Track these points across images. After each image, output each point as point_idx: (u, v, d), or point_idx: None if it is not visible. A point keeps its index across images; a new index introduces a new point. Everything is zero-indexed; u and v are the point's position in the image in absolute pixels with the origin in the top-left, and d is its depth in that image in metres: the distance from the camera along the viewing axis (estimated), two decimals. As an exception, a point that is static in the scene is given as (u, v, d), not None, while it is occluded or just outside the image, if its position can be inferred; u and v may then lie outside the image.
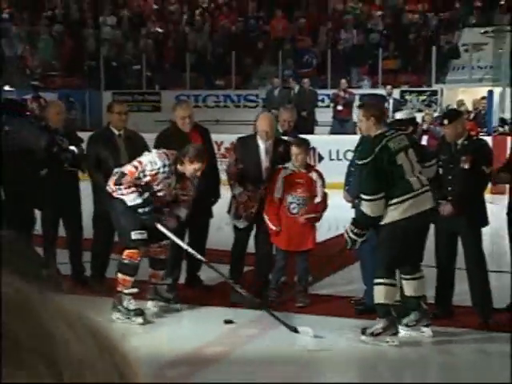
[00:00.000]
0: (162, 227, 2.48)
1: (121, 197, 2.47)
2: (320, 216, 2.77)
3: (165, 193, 2.50)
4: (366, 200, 2.28)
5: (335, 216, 2.87)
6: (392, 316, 2.33)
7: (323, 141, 6.07)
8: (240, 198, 2.78)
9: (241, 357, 2.25)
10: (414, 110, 5.59)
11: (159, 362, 2.06)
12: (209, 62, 8.45)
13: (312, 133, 6.43)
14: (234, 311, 2.60)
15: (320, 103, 7.55)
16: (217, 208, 3.01)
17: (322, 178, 2.78)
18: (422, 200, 2.29)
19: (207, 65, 8.39)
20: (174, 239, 2.51)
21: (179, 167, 2.46)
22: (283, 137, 2.98)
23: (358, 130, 3.61)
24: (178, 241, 2.52)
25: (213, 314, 2.63)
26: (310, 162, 3.09)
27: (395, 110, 4.95)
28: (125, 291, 2.52)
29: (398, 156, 2.29)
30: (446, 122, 2.56)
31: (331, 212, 2.84)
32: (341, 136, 6.50)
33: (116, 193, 2.48)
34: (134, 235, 2.49)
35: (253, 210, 2.78)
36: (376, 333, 2.32)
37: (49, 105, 3.43)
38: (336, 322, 2.52)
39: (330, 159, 6.03)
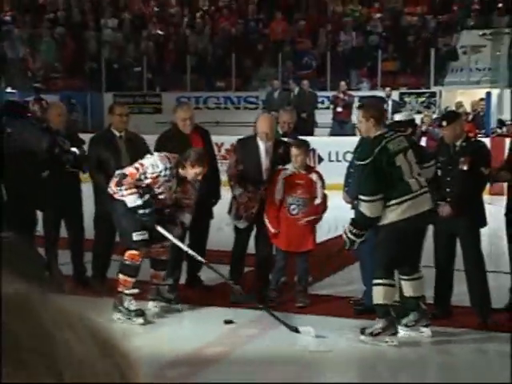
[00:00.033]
0: (161, 229, 2.50)
1: (121, 198, 2.48)
2: (320, 218, 2.79)
3: (165, 196, 2.51)
4: (364, 201, 2.29)
5: (335, 217, 2.89)
6: (391, 316, 2.34)
7: (323, 142, 6.10)
8: (240, 198, 2.80)
9: (241, 357, 2.26)
10: (412, 111, 5.62)
11: (160, 362, 2.07)
12: (209, 64, 8.48)
13: (312, 134, 6.46)
14: (234, 311, 2.62)
15: (320, 105, 7.59)
16: (217, 209, 3.03)
17: (321, 180, 2.79)
18: (420, 201, 2.30)
19: (208, 67, 8.42)
20: (174, 241, 2.53)
21: (180, 171, 2.48)
22: (283, 138, 3.01)
23: (358, 131, 3.64)
24: (178, 243, 2.54)
25: (213, 314, 2.64)
26: (309, 164, 3.12)
27: (394, 112, 4.98)
28: (126, 292, 2.54)
29: (397, 157, 2.31)
30: (444, 123, 2.57)
31: (331, 213, 2.85)
32: (340, 138, 6.53)
33: (117, 194, 2.50)
34: (136, 236, 2.51)
35: (253, 211, 2.79)
36: (375, 333, 2.33)
37: (50, 106, 3.45)
38: (336, 322, 2.54)
39: (329, 160, 6.07)
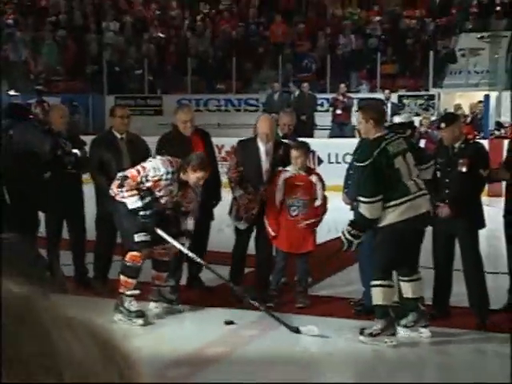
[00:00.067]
0: (161, 232, 2.51)
1: (122, 200, 2.50)
2: (320, 220, 2.80)
3: (166, 199, 2.52)
4: (364, 202, 2.31)
5: (334, 218, 2.91)
6: (390, 317, 2.36)
7: (322, 144, 6.13)
8: (241, 200, 2.82)
9: (241, 357, 2.27)
10: (411, 113, 5.62)
11: (161, 362, 2.08)
12: (210, 66, 8.52)
13: (311, 136, 6.50)
14: (235, 312, 2.63)
15: (319, 107, 7.62)
16: (218, 210, 3.04)
17: (321, 181, 2.81)
18: (418, 203, 2.32)
19: (208, 69, 8.45)
20: (175, 244, 2.54)
21: (182, 175, 2.49)
22: (283, 140, 3.02)
23: (357, 133, 3.66)
24: (178, 245, 2.55)
25: (213, 314, 2.66)
26: (309, 165, 3.14)
27: (393, 114, 4.99)
28: (126, 293, 2.55)
29: (396, 160, 2.32)
30: (443, 125, 2.59)
31: (330, 214, 2.87)
32: (340, 139, 6.57)
33: (118, 196, 2.51)
34: (138, 237, 2.53)
35: (253, 212, 2.81)
36: (374, 333, 2.34)
37: (52, 109, 3.47)
38: (335, 322, 2.55)
39: (329, 162, 6.09)
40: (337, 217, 3.06)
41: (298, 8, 9.14)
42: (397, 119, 3.07)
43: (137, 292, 2.57)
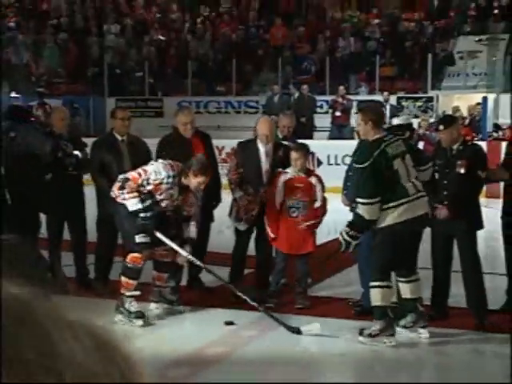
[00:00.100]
0: (160, 235, 2.53)
1: (123, 201, 2.52)
2: (320, 221, 2.82)
3: (167, 203, 2.54)
4: (362, 203, 2.32)
5: (334, 219, 2.93)
6: (389, 317, 2.37)
7: (322, 146, 6.14)
8: (240, 201, 2.84)
9: (241, 357, 2.28)
10: (410, 115, 5.65)
11: (162, 362, 2.10)
12: (210, 69, 8.55)
13: (311, 138, 6.53)
14: (235, 313, 2.64)
15: (319, 109, 7.67)
16: (218, 212, 3.06)
17: (321, 183, 2.82)
18: (416, 205, 2.33)
19: (208, 72, 8.49)
20: (174, 247, 2.56)
21: (183, 180, 2.50)
22: (283, 142, 3.04)
23: (356, 134, 3.68)
24: (177, 248, 2.57)
25: (214, 315, 2.67)
26: (309, 167, 3.16)
27: (392, 116, 5.03)
28: (126, 294, 2.57)
29: (395, 161, 2.33)
30: (441, 127, 2.61)
31: (330, 215, 2.88)
32: (339, 141, 6.60)
33: (119, 198, 2.53)
34: (139, 239, 2.54)
35: (253, 213, 2.83)
36: (374, 334, 2.36)
37: (53, 111, 3.51)
38: (334, 323, 2.56)
39: (328, 164, 6.12)
40: (336, 218, 3.08)
41: (297, 11, 9.19)
42: (395, 121, 3.09)
43: (137, 293, 2.59)
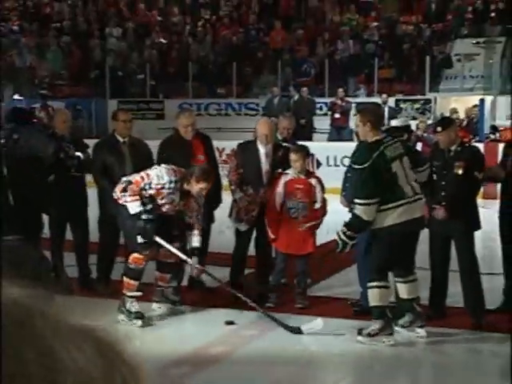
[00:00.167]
0: (160, 239, 2.54)
1: (125, 203, 2.55)
2: (320, 222, 2.84)
3: (168, 208, 2.56)
4: (360, 204, 2.34)
5: (333, 220, 2.95)
6: (387, 317, 2.39)
7: (321, 147, 6.17)
8: (240, 202, 2.87)
9: (242, 357, 2.31)
10: (408, 117, 5.67)
11: (163, 362, 2.12)
12: (211, 71, 8.58)
13: (310, 140, 6.54)
14: (235, 313, 2.67)
15: (318, 111, 7.68)
16: (218, 212, 3.09)
17: (321, 184, 2.85)
18: (413, 207, 2.35)
19: (209, 74, 8.52)
20: (173, 250, 2.57)
21: (186, 186, 2.52)
22: (283, 143, 3.07)
23: (355, 136, 3.70)
24: (177, 252, 2.58)
25: (214, 315, 2.69)
26: (309, 168, 3.19)
27: (390, 118, 5.06)
28: (128, 294, 2.59)
29: (394, 164, 2.36)
30: (439, 129, 2.63)
31: (329, 216, 2.90)
32: (338, 143, 6.62)
33: (121, 199, 2.56)
34: (140, 239, 2.57)
35: (253, 214, 2.85)
36: (372, 333, 2.38)
37: (56, 113, 3.53)
38: (334, 322, 2.58)
39: (327, 165, 6.14)
40: (335, 219, 3.11)
41: (297, 14, 9.22)
42: (394, 123, 3.13)
43: (138, 294, 2.61)
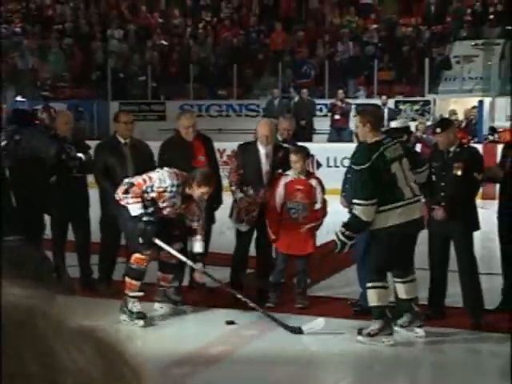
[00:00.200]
0: (159, 242, 2.56)
1: (126, 205, 2.56)
2: (321, 223, 2.85)
3: (169, 211, 2.58)
4: (360, 205, 2.36)
5: (333, 221, 2.97)
6: (387, 317, 2.41)
7: (321, 148, 6.19)
8: (240, 203, 2.88)
9: (242, 356, 2.32)
10: (407, 119, 5.69)
11: (164, 361, 2.13)
12: (211, 73, 8.61)
13: (310, 141, 6.57)
14: (236, 313, 2.68)
15: (318, 112, 7.71)
16: (219, 213, 3.11)
17: (321, 185, 2.86)
18: (412, 208, 2.37)
19: (210, 76, 8.54)
20: (173, 252, 2.58)
21: (187, 190, 2.53)
22: (283, 144, 3.09)
23: (355, 137, 3.72)
24: (177, 254, 2.59)
25: (215, 315, 2.71)
26: (309, 169, 3.20)
27: (390, 119, 5.08)
28: (130, 294, 2.61)
29: (393, 165, 2.37)
30: (438, 130, 2.65)
31: (329, 217, 2.92)
32: (338, 144, 6.64)
33: (122, 201, 2.58)
34: (141, 240, 2.58)
35: (254, 214, 2.87)
36: (372, 333, 2.39)
37: (58, 115, 3.54)
38: (334, 322, 2.59)
39: (327, 166, 6.17)
40: (335, 219, 3.13)
41: (297, 16, 9.25)
42: (393, 124, 3.15)
43: (140, 294, 2.62)
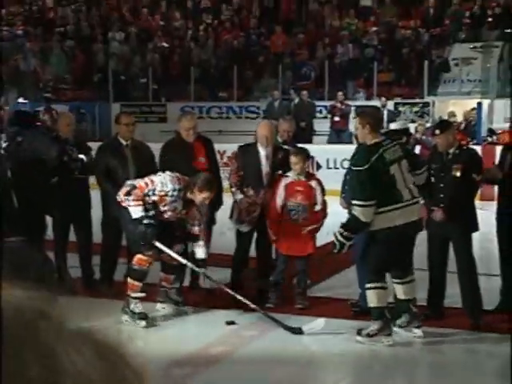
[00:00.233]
0: (159, 244, 2.58)
1: (128, 207, 2.58)
2: (321, 225, 2.86)
3: (170, 215, 2.59)
4: (358, 205, 2.37)
5: (333, 222, 2.99)
6: (386, 318, 2.42)
7: (321, 150, 6.21)
8: (241, 204, 2.90)
9: (242, 356, 2.33)
10: (407, 120, 5.70)
11: (165, 362, 2.15)
12: (212, 75, 8.64)
13: (310, 142, 6.60)
14: (236, 313, 2.69)
15: (318, 114, 7.74)
16: (219, 214, 3.12)
17: (321, 186, 2.88)
18: (411, 210, 2.38)
19: (211, 78, 8.57)
20: (173, 255, 2.60)
21: (189, 194, 2.55)
22: (283, 146, 3.11)
23: (355, 138, 3.73)
24: (177, 257, 2.61)
25: (215, 315, 2.72)
26: (309, 171, 3.21)
27: (389, 121, 5.10)
28: (132, 295, 2.63)
29: (392, 167, 2.39)
30: (437, 132, 2.66)
31: (329, 218, 2.93)
32: (338, 146, 6.66)
33: (124, 203, 2.59)
34: (142, 242, 2.60)
35: (254, 215, 2.89)
36: (371, 334, 2.41)
37: (60, 116, 3.59)
38: (333, 323, 2.60)
39: (327, 167, 6.19)
40: (335, 221, 3.14)
41: (297, 19, 9.28)
42: (393, 126, 3.16)
43: (142, 295, 2.64)
